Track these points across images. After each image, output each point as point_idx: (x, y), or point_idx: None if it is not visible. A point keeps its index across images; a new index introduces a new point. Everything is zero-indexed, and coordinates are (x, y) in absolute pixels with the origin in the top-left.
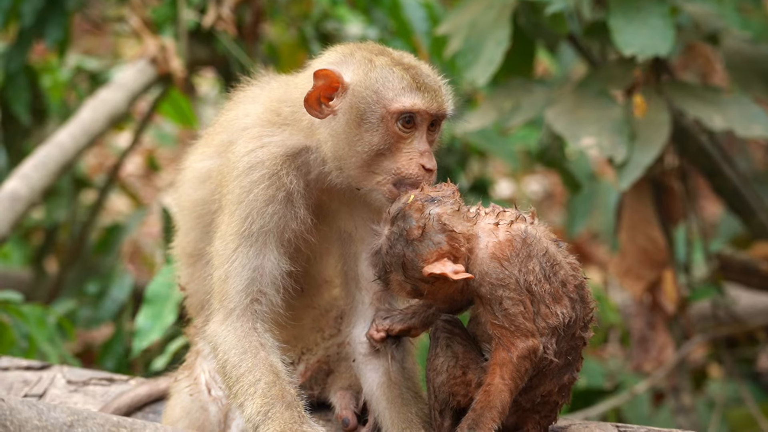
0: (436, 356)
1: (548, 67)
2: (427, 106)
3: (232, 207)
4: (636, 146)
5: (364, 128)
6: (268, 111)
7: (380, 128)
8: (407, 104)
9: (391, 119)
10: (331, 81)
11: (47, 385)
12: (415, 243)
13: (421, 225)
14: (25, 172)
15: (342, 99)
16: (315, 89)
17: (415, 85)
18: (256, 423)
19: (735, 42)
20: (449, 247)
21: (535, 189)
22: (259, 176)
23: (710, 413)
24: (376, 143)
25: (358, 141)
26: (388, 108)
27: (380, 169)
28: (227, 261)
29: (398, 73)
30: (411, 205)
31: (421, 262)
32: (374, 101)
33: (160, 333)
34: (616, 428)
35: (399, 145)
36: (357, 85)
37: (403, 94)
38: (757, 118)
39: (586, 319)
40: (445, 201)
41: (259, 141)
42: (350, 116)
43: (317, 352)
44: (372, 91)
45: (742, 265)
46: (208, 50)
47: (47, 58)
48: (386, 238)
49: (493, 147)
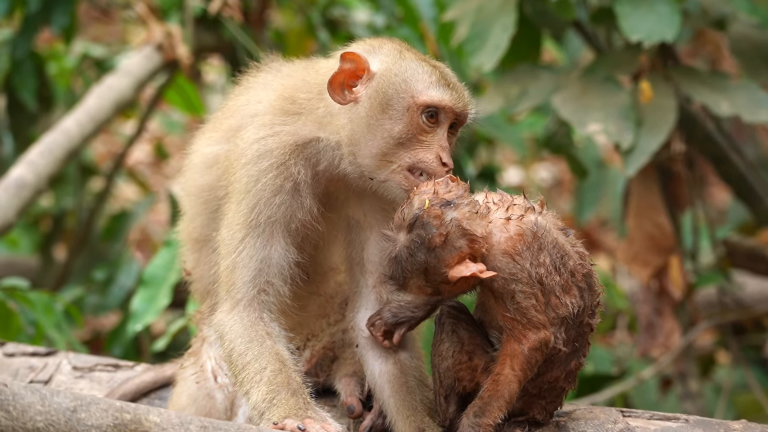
0: (442, 342)
1: (555, 56)
2: (453, 104)
3: (239, 196)
4: (642, 132)
5: (387, 116)
6: (281, 98)
7: (404, 118)
8: (435, 98)
9: (417, 111)
10: (358, 66)
11: (53, 371)
12: (437, 250)
13: (443, 233)
14: (31, 159)
15: (366, 86)
16: (341, 71)
17: (444, 81)
18: (262, 410)
19: (742, 28)
20: (469, 250)
21: (545, 176)
22: (267, 165)
23: (717, 399)
24: (397, 132)
25: (380, 128)
26: (416, 99)
27: (396, 158)
28: (234, 251)
29: (427, 68)
30: (428, 212)
31: (444, 268)
32: (403, 90)
33: (155, 315)
34: (620, 413)
35: (420, 138)
36: (386, 72)
37: (432, 87)
38: (764, 104)
39: (593, 306)
40: (460, 203)
41: (271, 129)
42: (374, 102)
43: (323, 338)
44: (401, 80)
45: (749, 252)
46: (215, 37)
47: (54, 45)
48: (405, 247)
49: (501, 134)
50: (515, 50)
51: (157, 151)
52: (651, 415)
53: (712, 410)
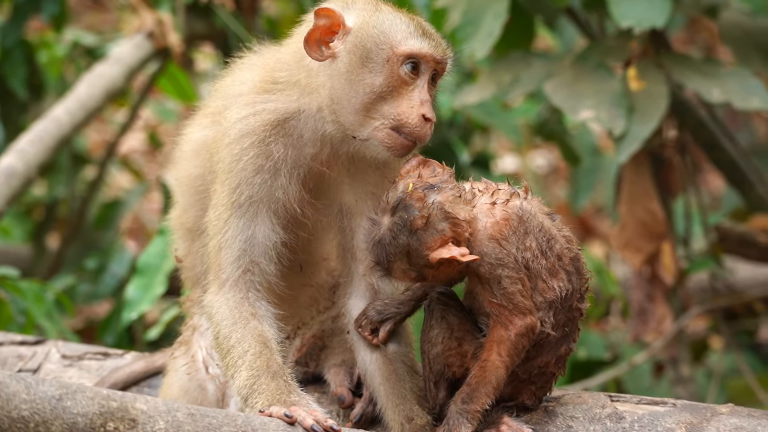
0: (431, 328)
1: (551, 43)
2: (433, 52)
3: (223, 176)
4: (634, 119)
5: (367, 69)
6: (263, 79)
7: (384, 70)
8: (415, 48)
9: (397, 62)
10: (333, 21)
11: (42, 359)
12: (419, 232)
13: (425, 215)
14: (21, 148)
15: (343, 41)
16: (315, 28)
17: (422, 31)
18: (245, 395)
19: (734, 15)
20: (452, 233)
21: (540, 163)
22: (248, 144)
23: (709, 384)
24: (378, 85)
25: (360, 82)
26: (395, 49)
27: (379, 114)
28: (220, 232)
29: (405, 19)
30: (411, 195)
31: (426, 250)
32: (382, 41)
33: (150, 304)
34: (608, 398)
35: (401, 90)
36: (363, 26)
37: (411, 37)
38: (755, 91)
39: (582, 290)
40: (444, 187)
41: (253, 108)
42: (353, 56)
43: (313, 326)
44: (380, 31)
45: (741, 237)
46: (206, 24)
47: (44, 34)
48: (388, 230)
49: (495, 121)
50: (508, 37)
51: (151, 139)
52: (639, 400)
53: (704, 395)
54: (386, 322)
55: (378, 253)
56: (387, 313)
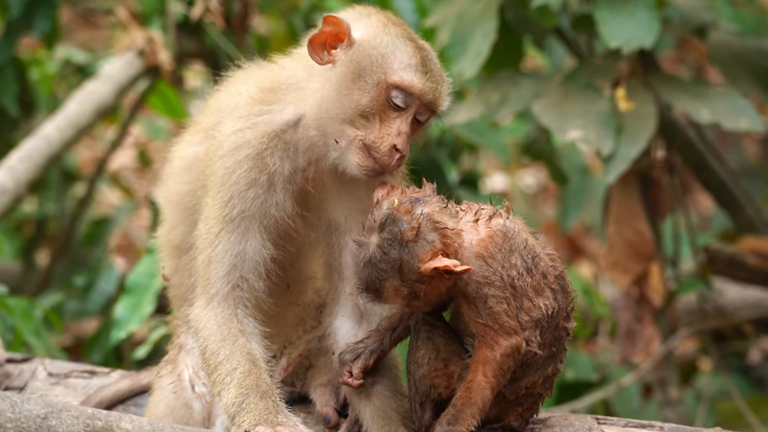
0: (417, 349)
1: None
2: (422, 92)
3: (215, 189)
4: (623, 139)
5: (357, 86)
6: (260, 90)
7: (372, 92)
8: (406, 81)
9: (386, 89)
10: (339, 30)
11: (28, 377)
12: (410, 244)
13: (414, 226)
14: (10, 165)
15: (345, 51)
16: (321, 32)
17: (423, 67)
18: (232, 413)
19: (723, 35)
20: (442, 245)
21: (529, 182)
22: (243, 156)
23: (698, 406)
24: (363, 104)
25: (347, 96)
26: (387, 76)
27: (356, 128)
28: (210, 245)
29: (410, 49)
30: (398, 209)
31: (418, 263)
32: (377, 64)
33: (139, 323)
34: (595, 420)
35: (383, 116)
36: (365, 42)
37: (407, 69)
38: (744, 112)
39: (568, 309)
40: (429, 200)
41: (248, 120)
42: (348, 69)
43: (299, 345)
44: (379, 53)
45: (730, 259)
46: (197, 43)
47: (36, 51)
48: (377, 247)
49: (483, 140)
50: (497, 57)
51: (140, 157)
52: (626, 423)
53: (693, 418)
54: (357, 360)
55: (368, 273)
56: (358, 350)
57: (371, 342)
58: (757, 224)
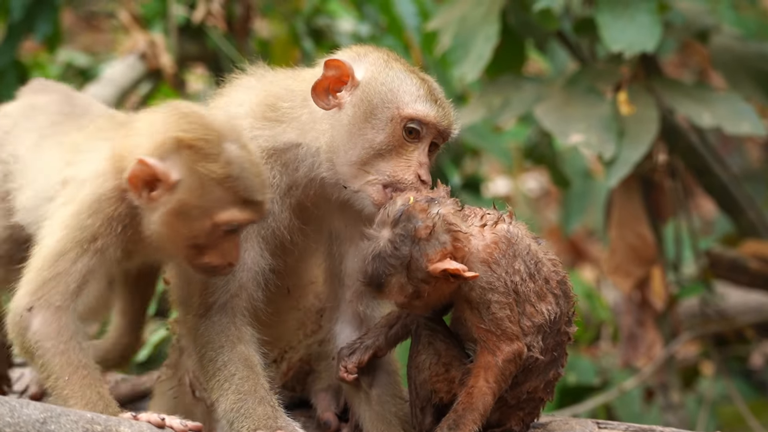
0: (418, 353)
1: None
2: (438, 121)
3: None
4: (624, 143)
5: (370, 125)
6: (263, 104)
7: (387, 128)
8: (421, 112)
9: (400, 123)
10: (342, 73)
11: (28, 381)
12: (422, 243)
13: (429, 225)
14: None
15: (351, 93)
16: (324, 78)
17: (431, 97)
18: (231, 419)
19: (724, 39)
20: (452, 248)
21: (532, 186)
22: None
23: (700, 410)
24: (378, 142)
25: (361, 136)
26: (401, 110)
27: (374, 169)
28: None
29: (416, 81)
30: (414, 206)
31: (427, 262)
32: (388, 100)
33: None
34: (596, 424)
35: (400, 150)
36: (371, 81)
37: (418, 101)
38: (746, 116)
39: (569, 313)
40: (445, 201)
41: (249, 132)
42: (358, 110)
43: (300, 350)
44: (388, 89)
45: (732, 263)
46: (198, 46)
47: (38, 54)
48: (389, 241)
49: (486, 144)
50: (499, 60)
51: None
52: (627, 427)
53: (695, 422)
54: (353, 355)
55: (375, 267)
56: (354, 346)
57: (367, 338)
58: (759, 228)
